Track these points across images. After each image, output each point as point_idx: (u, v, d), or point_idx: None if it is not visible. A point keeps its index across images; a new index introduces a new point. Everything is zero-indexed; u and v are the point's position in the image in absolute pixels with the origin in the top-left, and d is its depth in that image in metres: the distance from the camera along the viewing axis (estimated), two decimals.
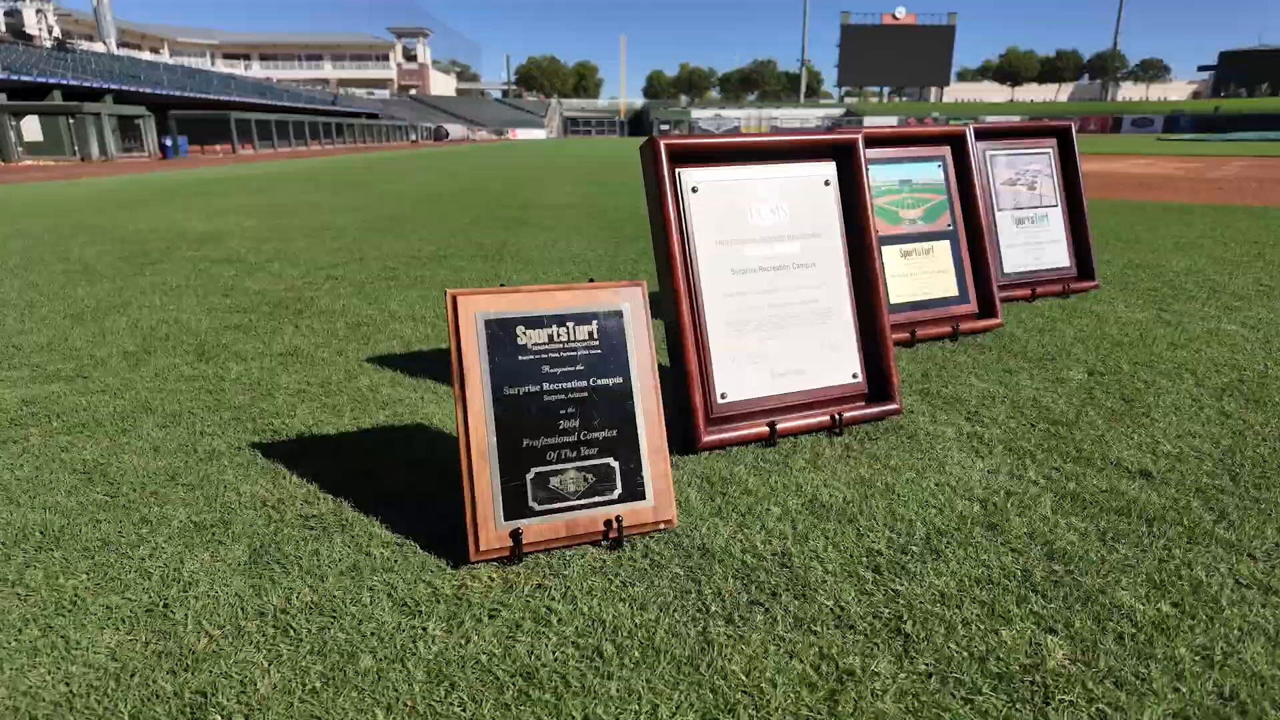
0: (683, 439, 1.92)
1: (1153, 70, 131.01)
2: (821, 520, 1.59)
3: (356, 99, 75.63)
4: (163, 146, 31.49)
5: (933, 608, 1.30)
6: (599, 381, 1.52)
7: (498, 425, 1.44)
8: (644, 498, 1.51)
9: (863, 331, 2.14)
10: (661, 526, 1.52)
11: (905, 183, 2.83)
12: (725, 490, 1.72)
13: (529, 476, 1.44)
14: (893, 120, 74.93)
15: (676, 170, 1.96)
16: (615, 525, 1.46)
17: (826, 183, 2.14)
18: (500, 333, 1.47)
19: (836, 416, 2.01)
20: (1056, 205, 3.55)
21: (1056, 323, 3.07)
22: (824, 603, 1.32)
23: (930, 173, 2.87)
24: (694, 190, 1.97)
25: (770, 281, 2.03)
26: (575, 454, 1.48)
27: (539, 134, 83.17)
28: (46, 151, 26.27)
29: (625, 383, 1.54)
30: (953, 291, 2.85)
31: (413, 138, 62.16)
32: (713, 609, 1.30)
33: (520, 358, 1.47)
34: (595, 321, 1.54)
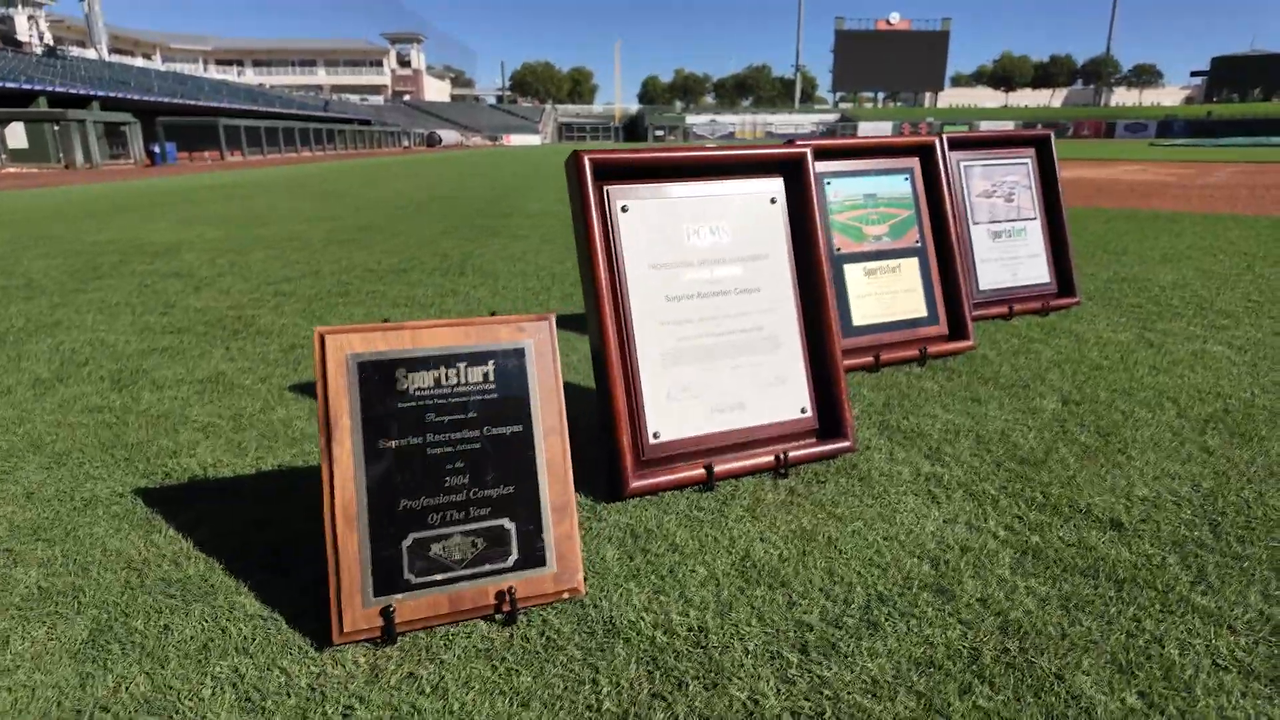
0: (609, 485, 1.74)
1: (1146, 75, 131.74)
2: (751, 584, 1.41)
3: (350, 105, 75.51)
4: (151, 153, 31.30)
5: (861, 699, 1.12)
6: (494, 430, 1.34)
7: (370, 484, 1.26)
8: (544, 564, 1.32)
9: (813, 362, 1.96)
10: (565, 596, 1.34)
11: (870, 196, 2.66)
12: (648, 546, 1.54)
13: (405, 544, 1.26)
14: (887, 126, 75.02)
15: (604, 188, 1.78)
16: (508, 598, 1.28)
17: (773, 200, 1.96)
18: (376, 377, 1.29)
19: (781, 456, 1.83)
20: (1035, 218, 3.38)
21: (1033, 344, 2.90)
22: (736, 694, 1.13)
23: (897, 185, 2.70)
24: (623, 210, 1.79)
25: (710, 308, 1.86)
26: (463, 515, 1.30)
27: (534, 140, 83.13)
28: (31, 159, 26.02)
29: (526, 431, 1.36)
30: (921, 312, 2.68)
31: (405, 144, 62.01)
32: (606, 705, 1.12)
33: (400, 405, 1.29)
34: (491, 362, 1.36)
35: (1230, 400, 2.29)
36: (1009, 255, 3.28)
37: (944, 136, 3.11)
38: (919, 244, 2.71)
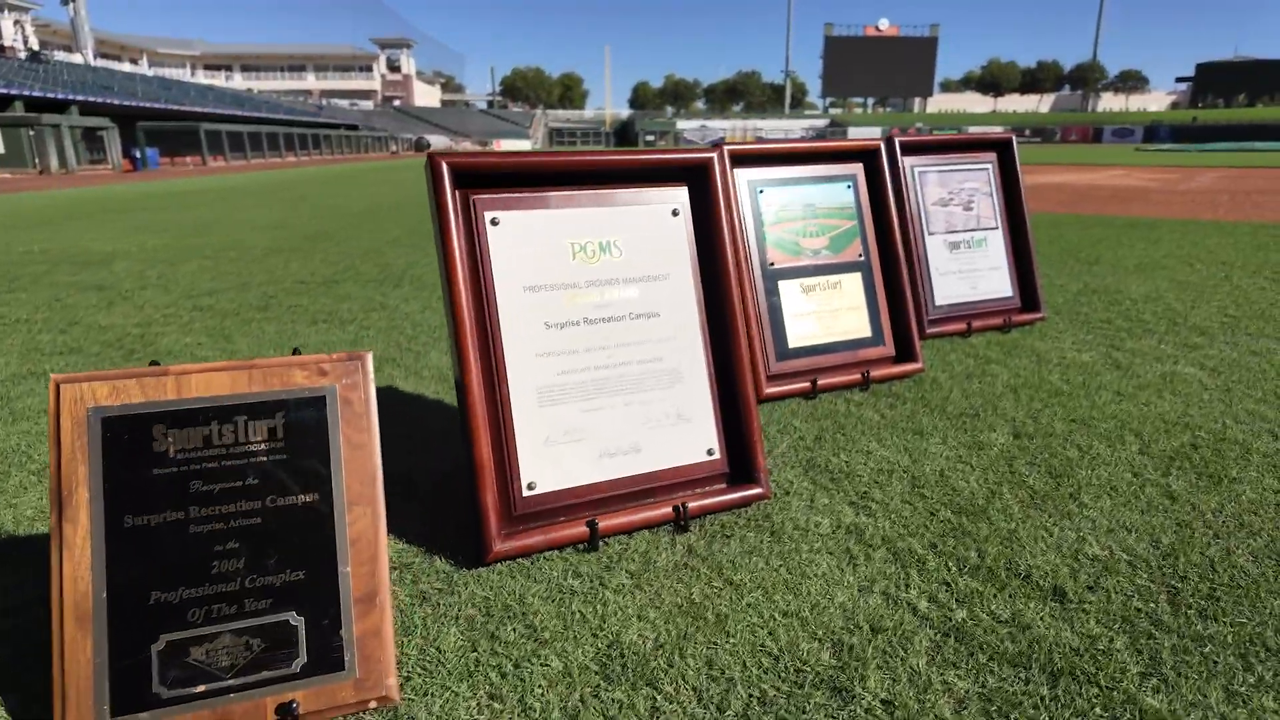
0: (473, 548, 1.49)
1: (1132, 81, 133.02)
2: (611, 683, 1.16)
3: (339, 110, 75.21)
4: (132, 158, 30.90)
5: None
6: (281, 501, 1.09)
7: (111, 573, 1.00)
8: (342, 668, 1.07)
9: (722, 396, 1.72)
10: (372, 706, 1.08)
11: (808, 206, 2.43)
12: (500, 630, 1.29)
13: (156, 648, 1.00)
14: (876, 131, 75.23)
15: (471, 198, 1.54)
16: (293, 712, 1.03)
17: (675, 212, 1.72)
18: (126, 436, 1.03)
19: (680, 508, 1.58)
20: (997, 227, 3.16)
21: (990, 365, 2.66)
22: None
23: (838, 195, 2.47)
24: (493, 223, 1.55)
25: (598, 337, 1.61)
26: (235, 610, 1.04)
27: (524, 144, 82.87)
28: (7, 164, 25.57)
29: (324, 501, 1.10)
30: (864, 332, 2.44)
31: (393, 148, 61.70)
32: None
33: (156, 472, 1.04)
34: (281, 414, 1.10)
35: (1199, 432, 2.06)
36: (968, 267, 3.05)
37: (896, 140, 2.89)
38: (862, 258, 2.47)
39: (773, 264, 2.36)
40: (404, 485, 1.81)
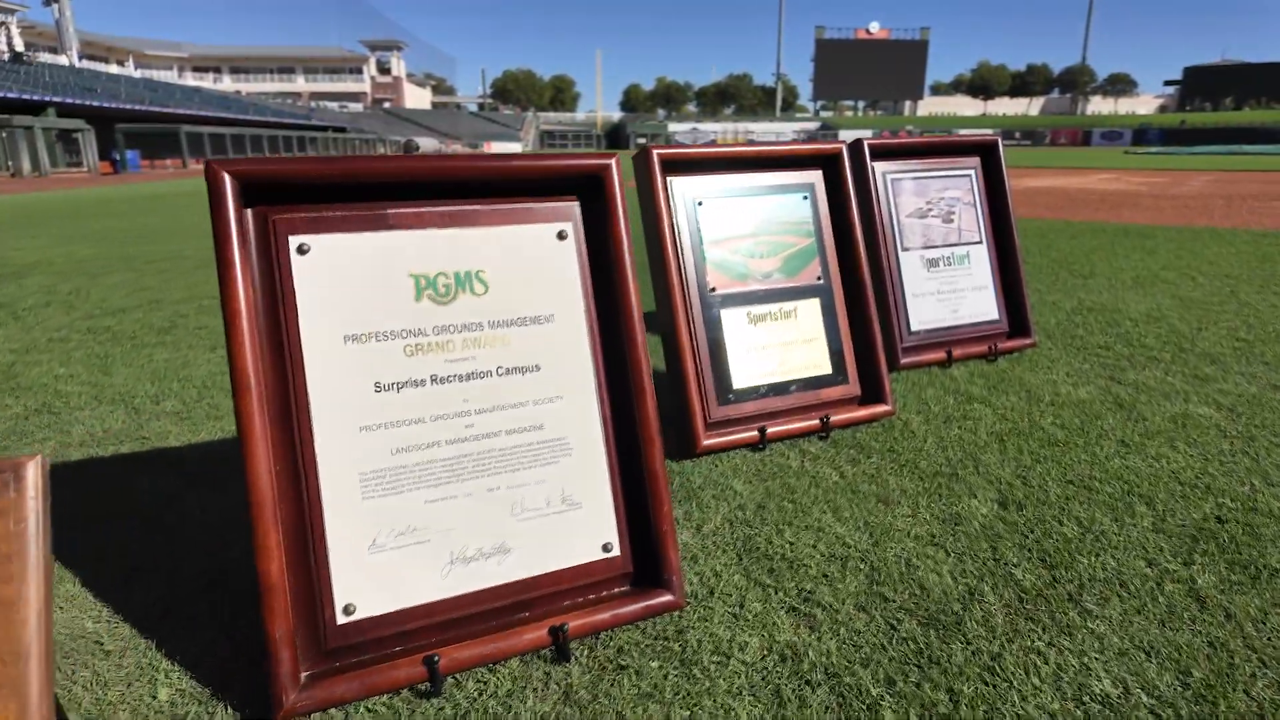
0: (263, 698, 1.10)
1: (1121, 85, 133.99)
2: None
3: (329, 112, 74.82)
4: (112, 161, 30.41)
5: None
6: None
7: None
8: None
9: (624, 474, 1.33)
10: None
11: (757, 221, 2.05)
12: None
13: None
14: (868, 134, 75.11)
15: (270, 218, 1.15)
16: None
17: (562, 234, 1.33)
18: None
19: (559, 633, 1.19)
20: (981, 241, 2.79)
21: (972, 404, 2.29)
22: None
23: (793, 208, 2.09)
24: (301, 251, 1.16)
25: (453, 400, 1.22)
26: None
27: (515, 147, 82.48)
28: None
29: None
30: (823, 369, 2.07)
31: (382, 151, 61.20)
32: None
33: None
34: None
35: (1223, 499, 1.69)
36: (948, 287, 2.68)
37: (864, 144, 2.52)
38: (821, 281, 2.10)
39: (714, 289, 1.98)
40: (236, 581, 1.42)
